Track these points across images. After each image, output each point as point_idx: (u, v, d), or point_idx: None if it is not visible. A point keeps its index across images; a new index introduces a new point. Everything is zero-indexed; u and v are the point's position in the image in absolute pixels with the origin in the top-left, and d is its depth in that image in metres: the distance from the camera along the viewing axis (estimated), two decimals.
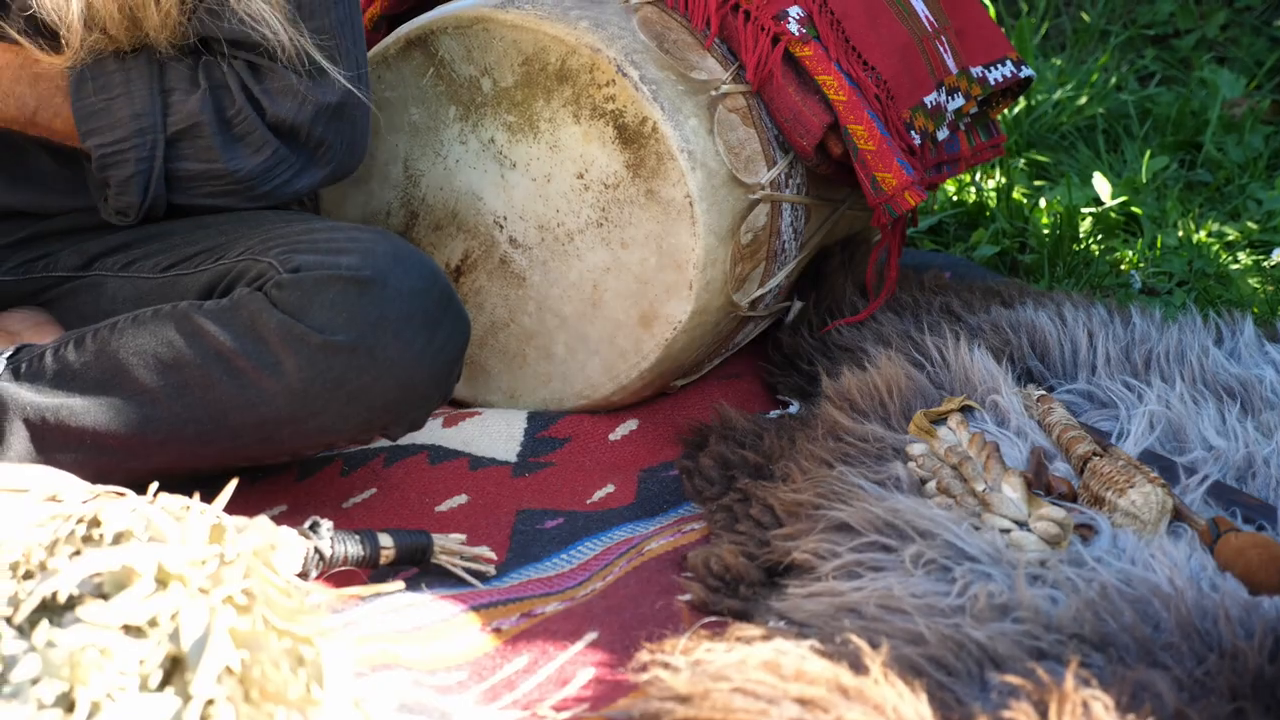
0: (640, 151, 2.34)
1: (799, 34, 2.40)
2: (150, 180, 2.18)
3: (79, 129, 2.16)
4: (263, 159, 2.19)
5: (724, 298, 2.39)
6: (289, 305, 2.06)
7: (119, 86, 2.15)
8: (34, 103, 2.16)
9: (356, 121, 2.24)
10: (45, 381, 2.11)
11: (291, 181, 2.22)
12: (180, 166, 2.18)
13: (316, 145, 2.21)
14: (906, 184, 2.40)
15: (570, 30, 2.36)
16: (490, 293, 2.45)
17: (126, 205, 2.20)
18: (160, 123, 2.16)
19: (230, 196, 2.22)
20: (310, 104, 2.18)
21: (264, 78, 2.17)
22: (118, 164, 2.17)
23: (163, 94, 2.16)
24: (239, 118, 2.17)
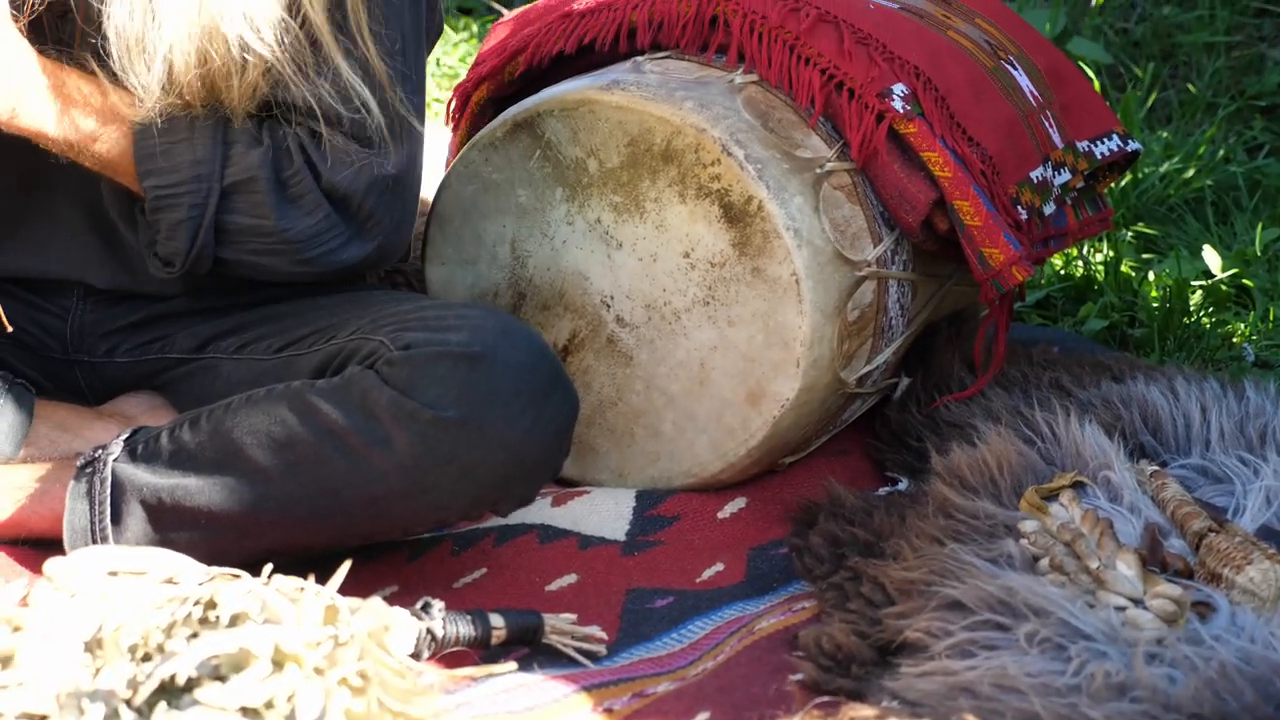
0: (746, 230, 2.35)
1: (903, 111, 2.40)
2: (200, 228, 2.19)
3: (138, 168, 2.18)
4: (313, 222, 2.21)
5: (831, 375, 2.39)
6: (400, 382, 2.08)
7: (183, 132, 2.18)
8: (100, 133, 2.17)
9: (407, 200, 2.27)
10: (161, 462, 2.14)
11: (338, 251, 2.24)
12: (231, 219, 2.20)
13: (367, 217, 2.23)
14: (1014, 259, 2.39)
15: (675, 110, 2.38)
16: (598, 372, 2.46)
17: (173, 252, 2.21)
18: (218, 172, 2.18)
19: (276, 256, 2.23)
20: (365, 174, 2.21)
21: (324, 144, 2.20)
22: (171, 207, 2.19)
23: (224, 145, 2.19)
24: (295, 179, 2.20)
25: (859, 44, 2.44)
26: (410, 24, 2.24)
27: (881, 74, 2.42)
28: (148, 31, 2.10)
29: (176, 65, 2.12)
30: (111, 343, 2.36)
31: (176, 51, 2.11)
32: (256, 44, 2.11)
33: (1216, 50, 4.00)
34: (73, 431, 2.28)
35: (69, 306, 2.35)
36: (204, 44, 2.12)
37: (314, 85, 2.16)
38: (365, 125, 2.19)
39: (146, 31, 2.10)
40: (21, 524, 2.18)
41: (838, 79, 2.42)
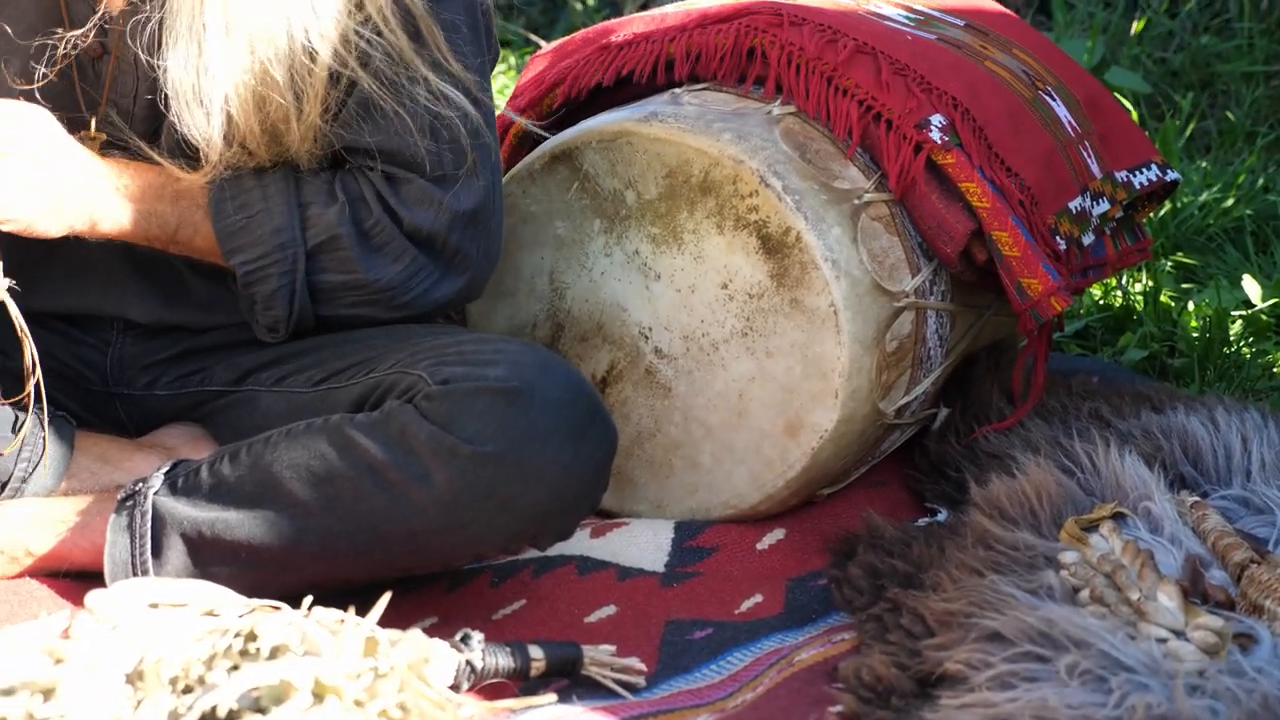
0: (784, 261, 2.35)
1: (941, 142, 2.40)
2: (294, 294, 2.22)
3: (222, 247, 2.21)
4: (402, 268, 2.23)
5: (870, 406, 2.39)
6: (438, 417, 2.08)
7: (258, 203, 2.20)
8: (175, 221, 2.21)
9: (491, 229, 2.28)
10: (201, 496, 2.14)
11: (431, 290, 2.25)
12: (322, 279, 2.23)
13: (454, 253, 2.24)
14: (1052, 289, 2.38)
15: (713, 142, 2.38)
16: (636, 403, 2.46)
17: (275, 320, 2.25)
18: (300, 237, 2.20)
19: (373, 306, 2.25)
20: (446, 212, 2.22)
21: (400, 187, 2.21)
22: (261, 280, 2.22)
23: (300, 208, 2.21)
24: (376, 228, 2.21)
25: (897, 75, 2.45)
26: (475, 62, 2.25)
27: (919, 105, 2.42)
28: (202, 83, 2.12)
29: (235, 113, 2.14)
30: (151, 375, 2.37)
31: (233, 99, 2.13)
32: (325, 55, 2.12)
33: (1255, 79, 3.99)
34: (113, 464, 2.29)
35: (109, 340, 2.37)
36: (259, 89, 2.14)
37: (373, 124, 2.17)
38: (439, 162, 2.20)
39: (201, 83, 2.12)
40: (63, 556, 2.19)
41: (875, 110, 2.43)
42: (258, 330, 2.28)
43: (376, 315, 2.27)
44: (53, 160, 2.13)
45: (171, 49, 2.12)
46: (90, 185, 2.16)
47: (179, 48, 2.12)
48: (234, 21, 2.11)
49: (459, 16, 2.22)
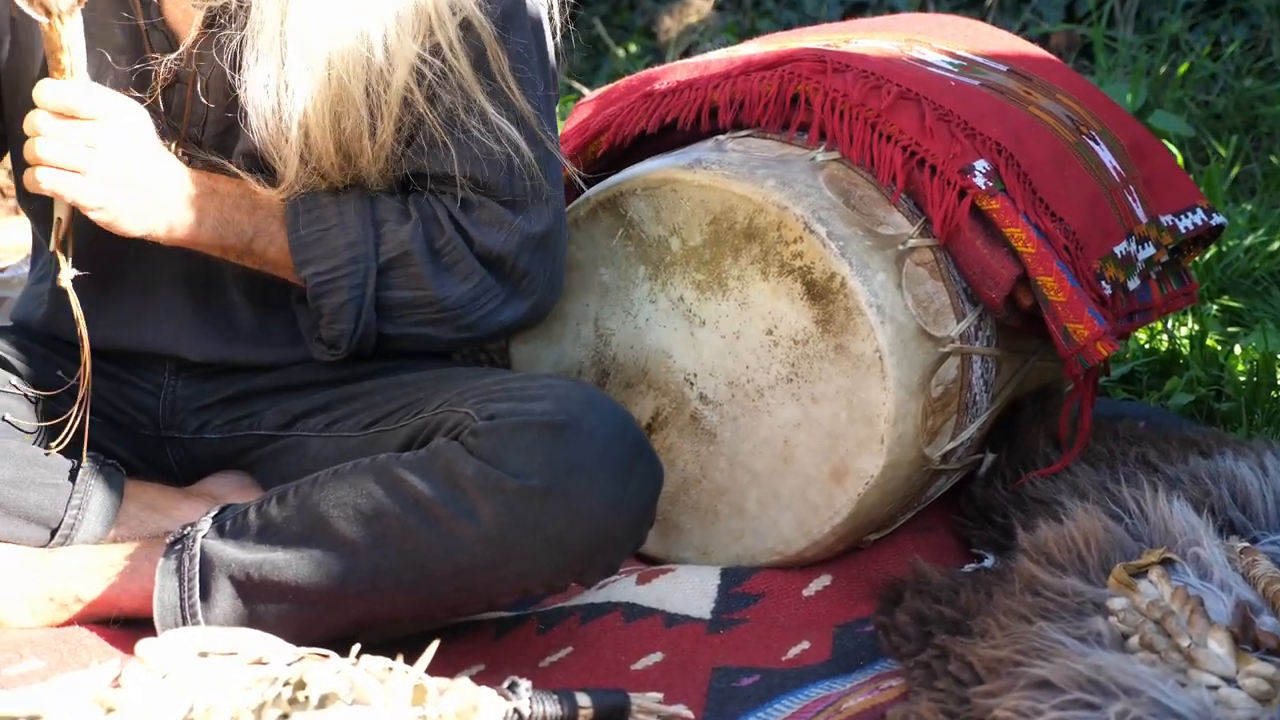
0: (829, 307, 2.36)
1: (985, 187, 2.40)
2: (362, 308, 2.24)
3: (294, 259, 2.23)
4: (470, 286, 2.26)
5: (916, 451, 2.39)
6: (484, 451, 2.09)
7: (333, 218, 2.23)
8: (251, 230, 2.24)
9: (558, 254, 2.32)
10: (249, 538, 2.15)
11: (497, 312, 2.28)
12: (391, 295, 2.25)
13: (521, 276, 2.27)
14: (1098, 334, 2.38)
15: (757, 189, 2.39)
16: (682, 449, 2.47)
17: (338, 335, 2.26)
18: (373, 251, 2.23)
19: (438, 325, 2.28)
20: (517, 234, 2.25)
21: (472, 209, 2.25)
22: (331, 292, 2.24)
23: (375, 224, 2.24)
24: (448, 247, 2.24)
25: (940, 120, 2.45)
26: (543, 91, 2.28)
27: (963, 150, 2.42)
28: (282, 101, 2.16)
29: (312, 131, 2.18)
30: (202, 419, 2.38)
31: (311, 117, 2.17)
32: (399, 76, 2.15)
33: None
34: (162, 511, 2.30)
35: (161, 383, 2.39)
36: (336, 107, 2.17)
37: (457, 139, 2.20)
38: (511, 186, 2.24)
39: (281, 101, 2.16)
40: (113, 603, 2.20)
41: (919, 156, 2.43)
42: (315, 350, 2.29)
43: (440, 335, 2.29)
44: (144, 160, 2.17)
45: (253, 67, 2.16)
46: (175, 189, 2.19)
47: (260, 65, 2.15)
48: (314, 40, 2.15)
49: (529, 44, 2.26)
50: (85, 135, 2.13)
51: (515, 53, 2.24)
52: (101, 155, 2.13)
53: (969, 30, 2.89)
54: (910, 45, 2.70)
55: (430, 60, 2.19)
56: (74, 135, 2.12)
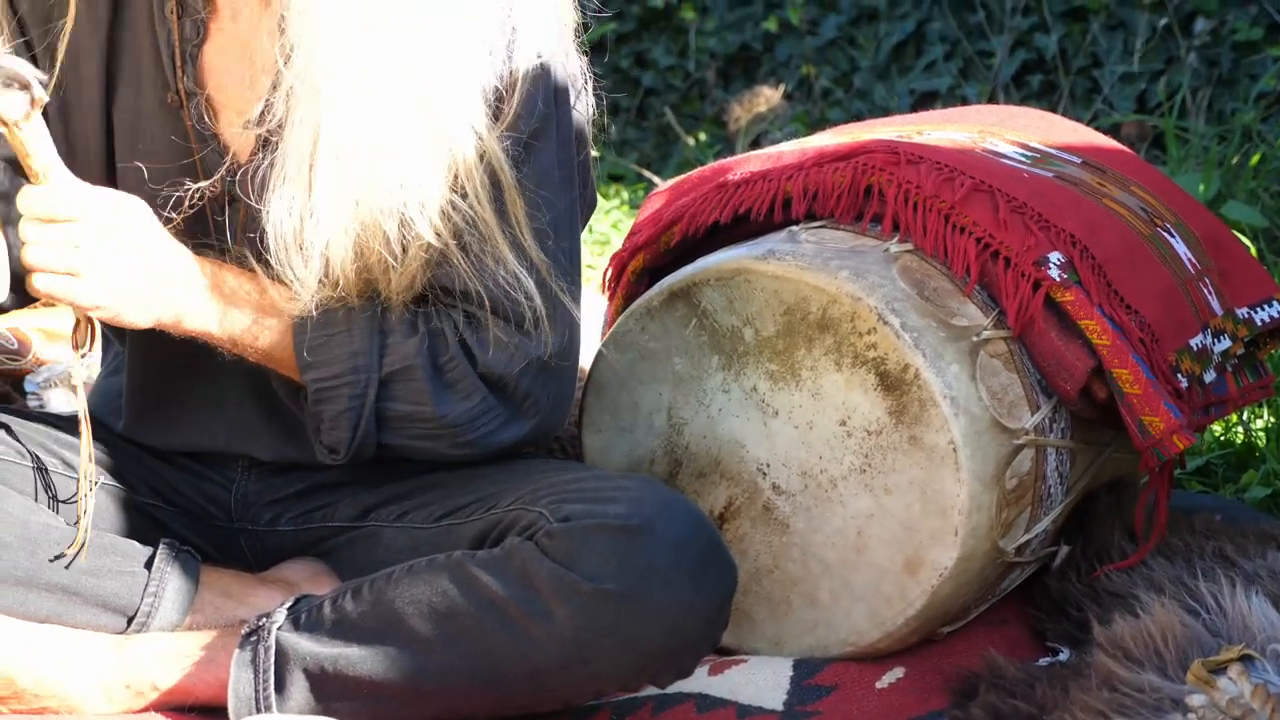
0: (903, 398, 2.35)
1: (1060, 279, 2.40)
2: (361, 418, 2.23)
3: (297, 361, 2.23)
4: (470, 405, 2.25)
5: (990, 543, 2.37)
6: (559, 554, 2.09)
7: (340, 324, 2.23)
8: (259, 329, 2.23)
9: (564, 379, 2.30)
10: (324, 631, 2.16)
11: (497, 432, 2.27)
12: (390, 407, 2.24)
13: (523, 399, 2.26)
14: (1174, 428, 2.37)
15: (831, 280, 2.39)
16: (754, 539, 2.46)
17: (336, 441, 2.26)
18: (376, 363, 2.23)
19: (436, 440, 2.26)
20: (520, 357, 2.24)
21: (478, 328, 2.23)
22: (331, 399, 2.23)
23: (381, 335, 2.23)
24: (451, 364, 2.23)
25: (1014, 213, 2.45)
26: (565, 206, 2.28)
27: (1037, 242, 2.42)
28: (306, 229, 2.15)
29: (334, 260, 2.17)
30: (275, 511, 2.40)
31: (334, 247, 2.16)
32: (426, 231, 2.15)
33: None
34: (237, 599, 2.31)
35: (233, 477, 2.40)
36: (362, 238, 2.16)
37: (478, 272, 2.20)
38: (522, 310, 2.22)
39: (305, 228, 2.15)
40: (188, 691, 2.21)
41: (993, 247, 2.43)
42: (318, 451, 2.29)
43: (438, 450, 2.28)
44: (145, 252, 2.16)
45: (277, 191, 2.15)
46: (181, 281, 2.19)
47: (285, 190, 2.15)
48: (344, 174, 2.14)
49: (555, 158, 2.25)
50: (71, 236, 2.12)
51: (536, 176, 2.23)
52: (90, 253, 2.13)
53: (1041, 122, 2.90)
54: (983, 137, 2.71)
55: (456, 201, 2.18)
56: (58, 238, 2.12)
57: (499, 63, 2.19)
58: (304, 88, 2.12)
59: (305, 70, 2.12)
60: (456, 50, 2.16)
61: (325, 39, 2.11)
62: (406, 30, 2.13)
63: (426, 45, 2.14)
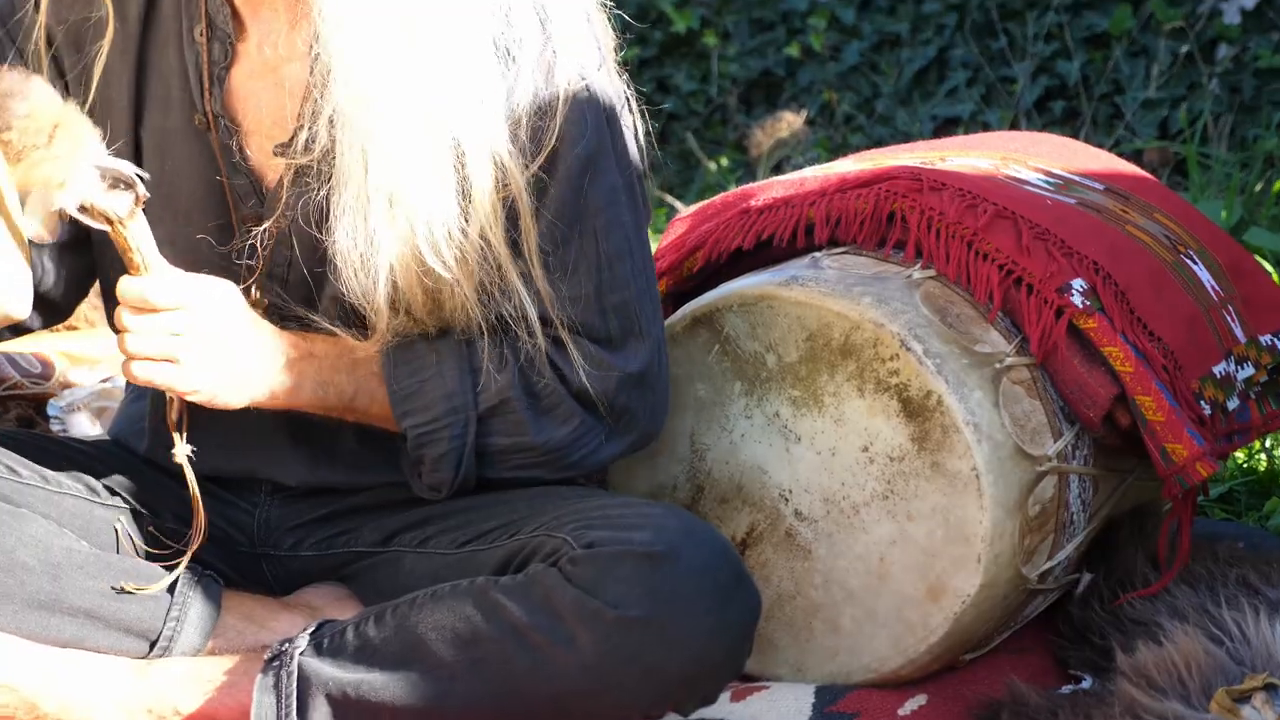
0: (925, 425, 2.35)
1: (1083, 306, 2.40)
2: (463, 457, 2.24)
3: (394, 411, 2.24)
4: (570, 429, 2.25)
5: (1012, 570, 2.37)
6: (583, 580, 2.10)
7: (430, 368, 2.23)
8: (352, 389, 2.25)
9: (658, 389, 2.31)
10: (347, 656, 2.16)
11: (598, 450, 2.28)
12: (490, 441, 2.25)
13: (621, 414, 2.27)
14: (1198, 455, 2.36)
15: (854, 306, 2.39)
16: (776, 565, 2.46)
17: (439, 482, 2.27)
18: (472, 401, 2.23)
19: (539, 468, 2.28)
20: (614, 374, 2.25)
21: (567, 350, 2.24)
22: (432, 443, 2.24)
23: (473, 372, 2.24)
24: (545, 391, 2.24)
25: (1037, 239, 2.45)
26: (633, 222, 2.28)
27: (1060, 269, 2.42)
28: (368, 253, 2.16)
29: (400, 281, 2.18)
30: (297, 536, 2.40)
31: (397, 268, 2.17)
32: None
33: None
34: (259, 623, 2.31)
35: (257, 502, 2.40)
36: (420, 255, 2.17)
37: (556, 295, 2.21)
38: (607, 327, 2.24)
39: (367, 253, 2.16)
40: (210, 716, 2.21)
41: (1016, 274, 2.43)
42: (418, 488, 2.30)
43: (542, 477, 2.29)
44: (236, 336, 2.18)
45: (339, 220, 2.16)
46: (272, 359, 2.21)
47: (346, 218, 2.16)
48: (396, 196, 2.15)
49: (616, 181, 2.26)
50: (169, 325, 2.15)
51: (603, 193, 2.25)
52: (189, 341, 2.15)
53: (1064, 148, 2.90)
54: (1006, 163, 2.71)
55: (508, 211, 2.19)
56: (158, 327, 2.15)
57: (540, 84, 2.19)
58: (347, 114, 2.14)
59: (346, 96, 2.13)
60: (492, 72, 2.17)
61: (362, 64, 2.13)
62: (445, 50, 2.14)
63: (465, 66, 2.15)
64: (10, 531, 2.20)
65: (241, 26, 2.26)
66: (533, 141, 2.19)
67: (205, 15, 2.25)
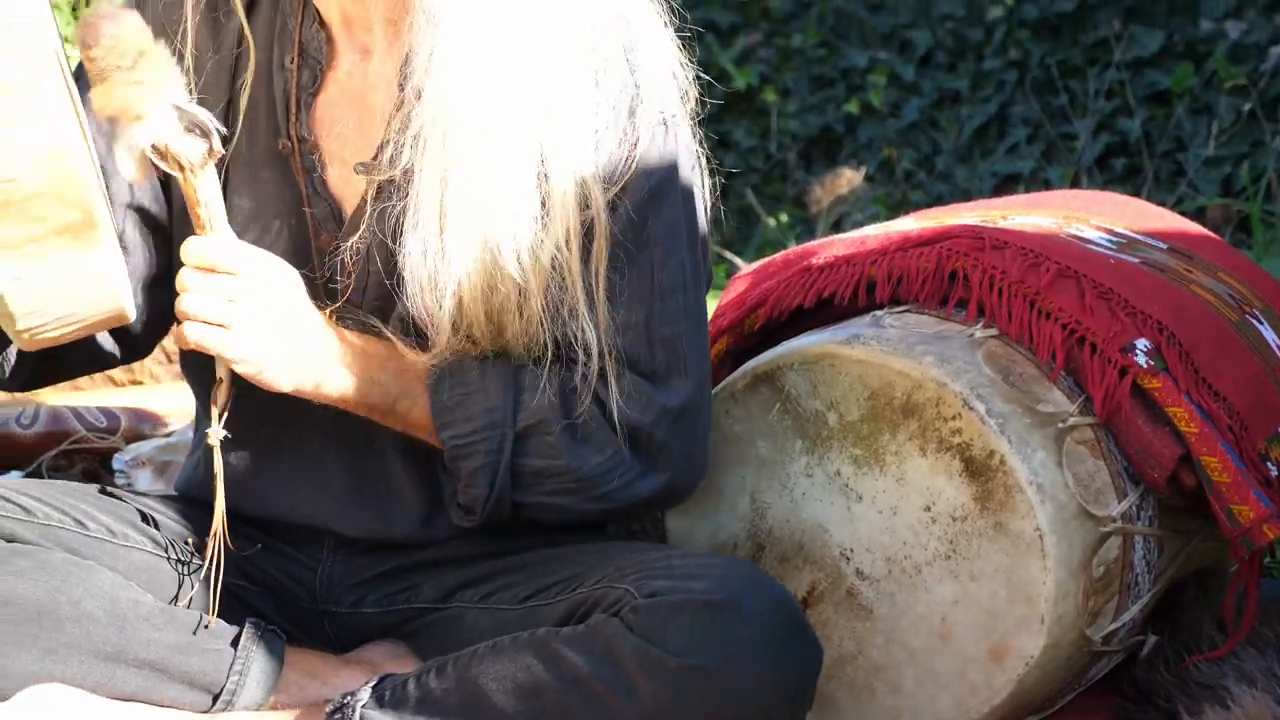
0: (988, 484, 2.34)
1: (1147, 366, 2.39)
2: (497, 473, 2.25)
3: (435, 421, 2.26)
4: (604, 458, 2.26)
5: (1076, 632, 2.35)
6: (644, 629, 2.10)
7: (475, 382, 2.25)
8: (396, 392, 2.27)
9: (697, 429, 2.31)
10: (408, 709, 2.17)
11: (633, 485, 2.28)
12: (525, 462, 2.26)
13: (658, 450, 2.27)
14: (1264, 516, 2.34)
15: (916, 365, 2.39)
16: (837, 625, 2.45)
17: (473, 499, 2.27)
18: (510, 418, 2.25)
19: (572, 495, 2.28)
20: (654, 407, 2.26)
21: (611, 380, 2.25)
22: (468, 455, 2.25)
23: (516, 392, 2.25)
24: (584, 418, 2.25)
25: (1100, 299, 2.44)
26: (690, 261, 2.30)
27: (1124, 329, 2.41)
28: (439, 269, 2.19)
29: (465, 299, 2.20)
30: (359, 594, 2.40)
31: (465, 287, 2.20)
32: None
33: None
34: (321, 678, 2.32)
35: (319, 558, 2.41)
36: (489, 279, 2.20)
37: (605, 325, 2.23)
38: (654, 361, 2.26)
39: (438, 269, 2.19)
40: None
41: (1079, 334, 2.42)
42: (454, 514, 2.31)
43: (573, 505, 2.29)
44: (291, 314, 2.21)
45: (412, 234, 2.20)
46: (322, 345, 2.23)
47: (419, 233, 2.19)
48: (473, 214, 2.18)
49: (678, 217, 2.29)
50: (227, 289, 2.17)
51: (664, 225, 2.27)
52: (244, 308, 2.18)
53: (1127, 207, 2.89)
54: (1068, 222, 2.71)
55: (580, 238, 2.22)
56: (217, 289, 2.17)
57: (623, 118, 2.23)
58: (433, 131, 2.17)
59: (435, 113, 2.17)
60: (580, 98, 2.20)
61: (457, 83, 2.16)
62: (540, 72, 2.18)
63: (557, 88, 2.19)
64: (79, 583, 2.21)
65: (334, 53, 2.30)
66: (609, 168, 2.22)
67: (299, 44, 2.29)
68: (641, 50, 2.26)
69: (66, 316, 2.03)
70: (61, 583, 2.20)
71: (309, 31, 2.30)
